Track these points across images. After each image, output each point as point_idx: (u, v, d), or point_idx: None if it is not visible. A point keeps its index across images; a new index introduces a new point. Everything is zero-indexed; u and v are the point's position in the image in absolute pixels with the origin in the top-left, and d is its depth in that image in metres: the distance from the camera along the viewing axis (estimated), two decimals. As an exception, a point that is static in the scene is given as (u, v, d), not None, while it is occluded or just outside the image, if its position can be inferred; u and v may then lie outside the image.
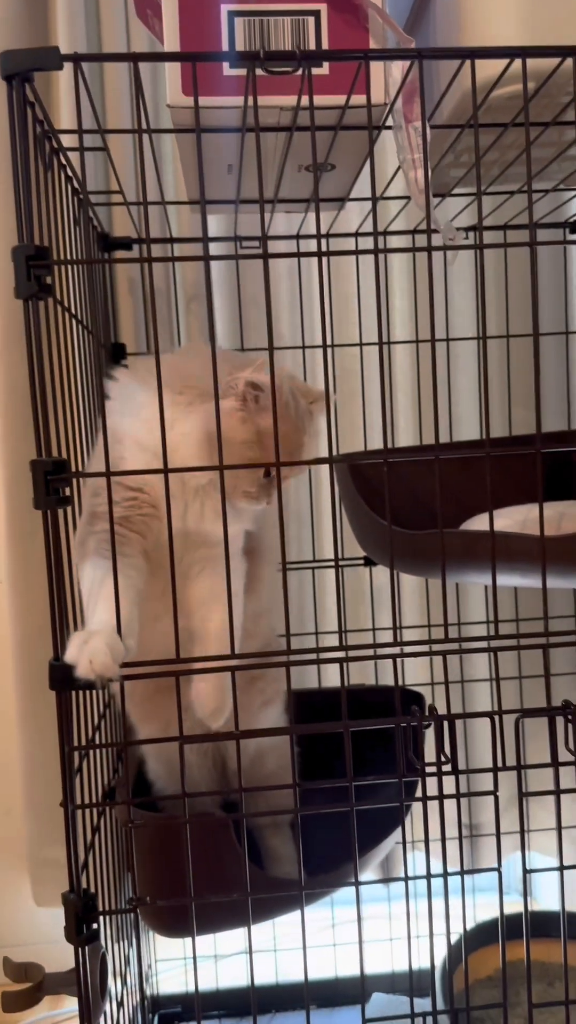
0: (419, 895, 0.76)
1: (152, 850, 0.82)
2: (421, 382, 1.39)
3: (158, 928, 0.94)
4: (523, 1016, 1.23)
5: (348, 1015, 1.39)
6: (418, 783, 0.96)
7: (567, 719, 0.72)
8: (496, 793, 0.71)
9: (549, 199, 1.32)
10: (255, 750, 0.96)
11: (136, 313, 1.31)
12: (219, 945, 1.41)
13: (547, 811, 1.41)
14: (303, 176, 1.03)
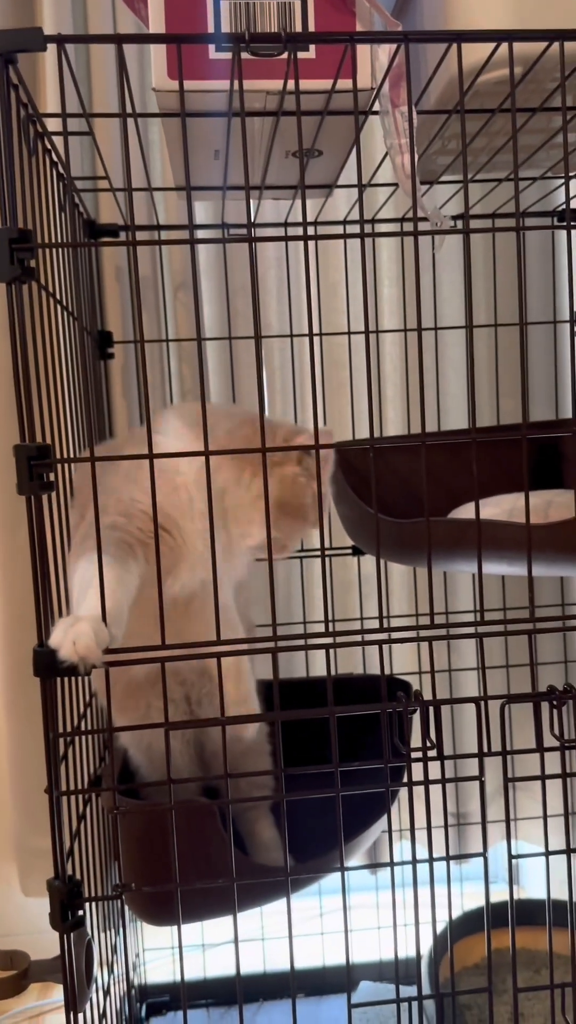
0: (406, 883, 0.76)
1: (138, 837, 0.82)
2: (410, 373, 1.39)
3: (145, 916, 0.93)
4: (509, 1003, 1.24)
5: (336, 1003, 1.40)
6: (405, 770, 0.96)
7: (552, 705, 0.72)
8: (482, 779, 0.71)
9: (537, 188, 1.32)
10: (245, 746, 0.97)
11: (123, 301, 1.31)
12: (207, 934, 1.42)
13: (534, 799, 1.42)
14: (290, 162, 1.02)
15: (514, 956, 0.76)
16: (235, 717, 0.78)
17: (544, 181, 1.32)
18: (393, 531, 1.06)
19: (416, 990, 0.93)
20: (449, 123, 0.94)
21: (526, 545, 0.86)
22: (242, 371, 1.36)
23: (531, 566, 0.81)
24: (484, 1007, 1.28)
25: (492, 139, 1.02)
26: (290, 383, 1.37)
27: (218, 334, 1.36)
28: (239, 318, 1.35)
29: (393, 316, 1.39)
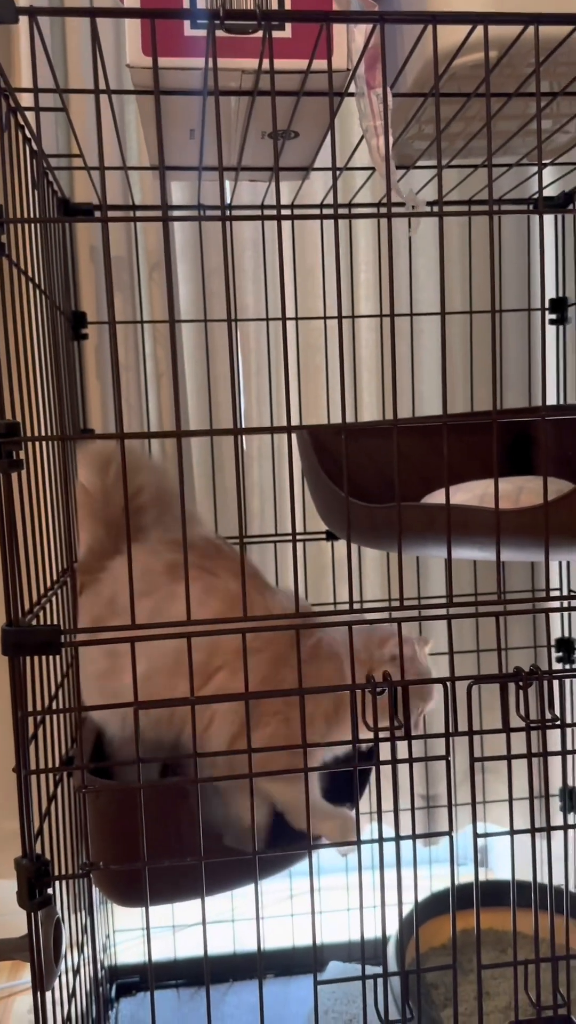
0: (376, 866, 0.77)
1: (108, 817, 0.82)
2: (385, 359, 1.39)
3: (115, 896, 0.94)
4: (475, 981, 1.26)
5: (305, 983, 1.41)
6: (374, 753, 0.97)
7: (518, 686, 0.73)
8: (449, 758, 0.72)
9: (514, 175, 1.33)
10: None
11: (97, 281, 1.30)
12: (177, 916, 1.42)
13: (502, 782, 1.44)
14: (266, 144, 1.02)
15: (478, 933, 0.78)
16: (203, 697, 0.79)
17: (520, 168, 1.33)
18: (366, 515, 1.07)
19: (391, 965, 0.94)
20: (425, 107, 0.94)
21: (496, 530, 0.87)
22: (218, 354, 1.36)
23: (499, 550, 0.82)
24: (451, 986, 1.29)
25: (468, 124, 1.02)
26: (266, 366, 1.37)
27: (194, 316, 1.35)
28: (214, 300, 1.35)
29: (369, 301, 1.39)
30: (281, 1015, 1.33)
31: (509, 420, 1.26)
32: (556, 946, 0.78)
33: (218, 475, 1.38)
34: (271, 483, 1.40)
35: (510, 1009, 1.19)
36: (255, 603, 0.93)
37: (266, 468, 1.40)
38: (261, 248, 1.33)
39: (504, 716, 0.73)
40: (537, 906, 0.78)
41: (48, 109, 0.85)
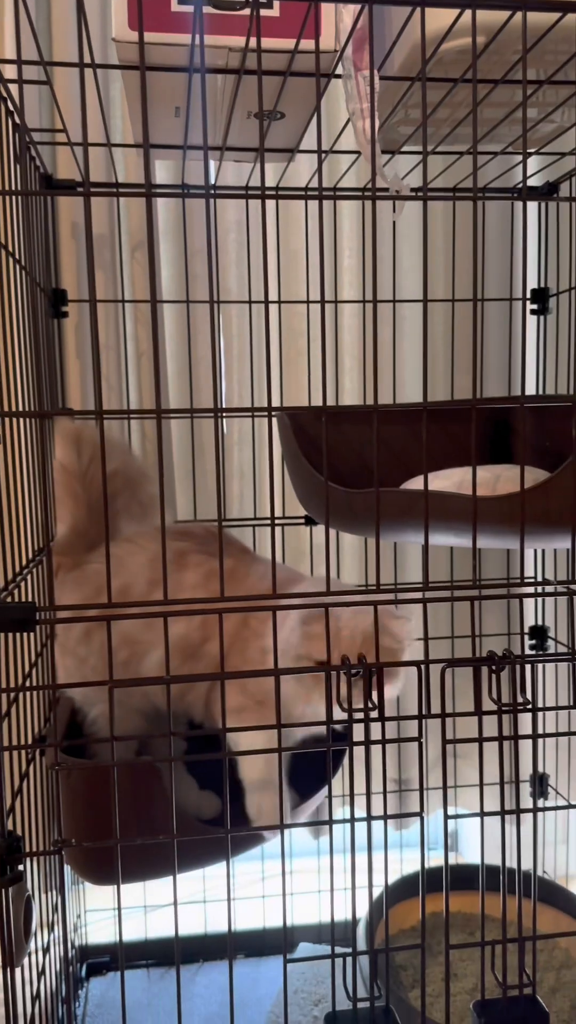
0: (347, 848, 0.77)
1: (80, 795, 0.82)
2: (367, 345, 1.39)
3: (87, 874, 0.94)
4: (443, 963, 1.27)
5: (275, 964, 1.42)
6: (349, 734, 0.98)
7: (491, 670, 0.74)
8: (422, 740, 0.72)
9: (498, 164, 1.33)
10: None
11: (79, 259, 1.28)
12: (149, 896, 1.43)
13: (472, 768, 1.45)
14: (252, 124, 1.01)
15: (447, 914, 0.78)
16: (178, 676, 0.79)
17: (505, 158, 1.33)
18: (344, 500, 1.07)
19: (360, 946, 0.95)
20: (412, 91, 0.94)
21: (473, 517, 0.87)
22: (199, 337, 1.35)
23: (476, 536, 0.82)
24: (419, 967, 1.31)
25: (454, 110, 1.02)
26: (247, 350, 1.37)
27: (176, 297, 1.34)
28: (197, 283, 1.34)
29: (352, 288, 1.39)
30: (251, 995, 1.34)
31: (489, 406, 1.27)
32: (523, 928, 0.79)
33: (198, 459, 1.37)
34: (251, 467, 1.40)
35: (476, 990, 1.21)
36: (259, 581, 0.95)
37: (246, 453, 1.40)
38: (245, 231, 1.32)
39: (477, 699, 0.74)
40: (505, 889, 0.79)
41: (32, 82, 0.84)
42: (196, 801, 1.07)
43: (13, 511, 0.82)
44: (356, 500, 1.06)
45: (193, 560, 0.97)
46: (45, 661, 0.98)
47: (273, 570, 0.75)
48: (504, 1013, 0.76)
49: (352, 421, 1.29)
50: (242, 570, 0.98)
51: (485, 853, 1.55)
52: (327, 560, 0.75)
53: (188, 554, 0.97)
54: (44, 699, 0.97)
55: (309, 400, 1.38)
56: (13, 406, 0.84)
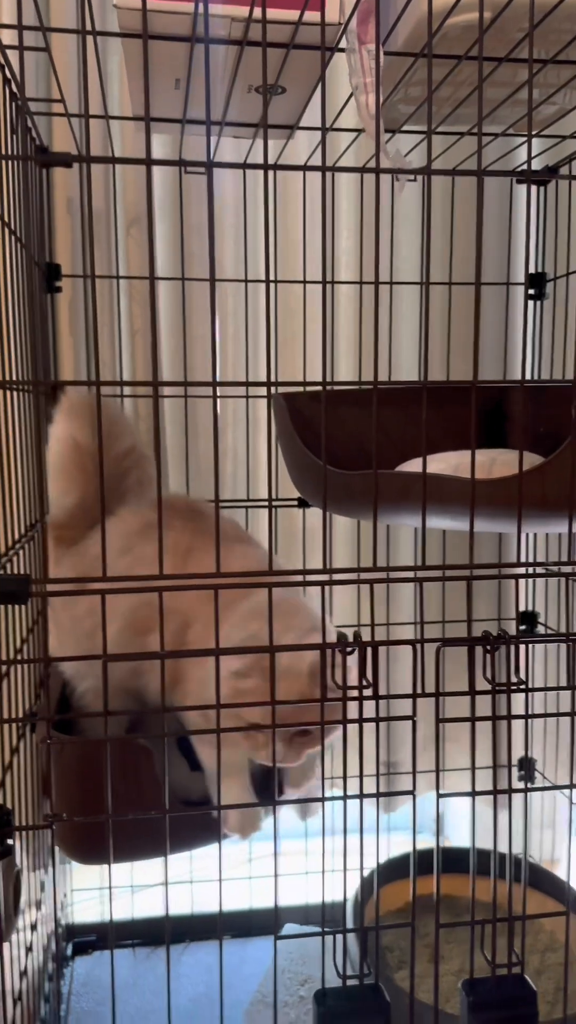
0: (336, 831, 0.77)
1: (70, 772, 0.82)
2: (364, 327, 1.38)
3: (75, 853, 0.94)
4: (431, 945, 1.28)
5: (261, 944, 1.43)
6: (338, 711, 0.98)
7: (486, 650, 0.74)
8: (414, 718, 0.72)
9: (498, 148, 1.32)
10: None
11: (73, 234, 1.27)
12: (136, 877, 1.43)
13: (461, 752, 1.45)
14: (253, 98, 1.00)
15: (438, 892, 0.79)
16: (173, 652, 0.78)
17: (504, 142, 1.32)
18: (340, 483, 1.07)
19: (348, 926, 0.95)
20: (415, 68, 0.93)
21: (470, 499, 0.87)
22: (194, 316, 1.34)
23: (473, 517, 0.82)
24: (405, 949, 1.32)
25: (456, 89, 1.01)
26: (243, 330, 1.36)
27: (171, 275, 1.33)
28: (193, 260, 1.33)
29: (350, 269, 1.38)
30: (237, 975, 1.35)
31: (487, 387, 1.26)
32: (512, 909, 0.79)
33: (191, 441, 1.37)
34: (244, 449, 1.39)
35: (463, 972, 1.22)
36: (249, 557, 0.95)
37: (240, 434, 1.39)
38: (242, 210, 1.31)
39: (470, 679, 0.74)
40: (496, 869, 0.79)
41: (31, 48, 0.82)
42: (186, 782, 1.06)
43: (7, 484, 0.81)
44: (353, 482, 1.06)
45: (187, 534, 0.97)
46: (37, 635, 0.97)
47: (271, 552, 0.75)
48: (493, 991, 0.77)
49: (348, 403, 1.28)
50: (203, 550, 0.97)
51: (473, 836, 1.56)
52: (324, 543, 0.74)
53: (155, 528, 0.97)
54: (35, 674, 0.97)
55: (304, 376, 1.37)
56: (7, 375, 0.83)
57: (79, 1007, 1.28)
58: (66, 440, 1.02)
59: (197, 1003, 1.27)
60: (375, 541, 0.74)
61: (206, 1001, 1.28)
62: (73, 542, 1.02)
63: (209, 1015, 1.25)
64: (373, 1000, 0.75)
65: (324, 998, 0.75)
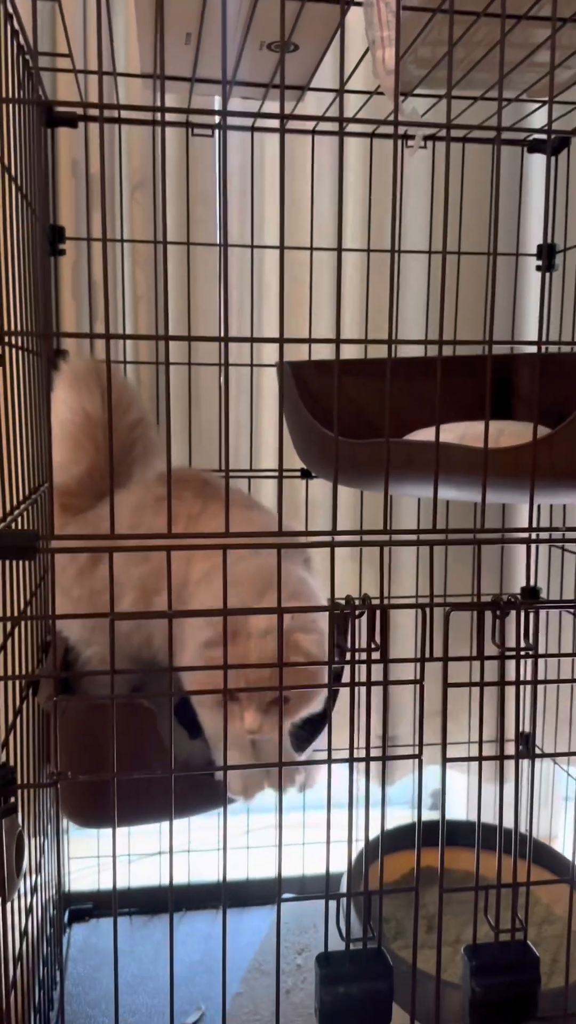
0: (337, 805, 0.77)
1: (74, 734, 0.81)
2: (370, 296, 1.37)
3: (77, 815, 0.93)
4: (426, 916, 1.28)
5: (258, 914, 1.43)
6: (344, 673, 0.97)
7: (495, 615, 0.73)
8: (421, 682, 0.72)
9: (510, 115, 1.31)
10: None
11: (77, 196, 1.25)
12: (133, 845, 1.43)
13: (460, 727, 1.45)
14: (264, 57, 0.98)
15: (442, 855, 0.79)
16: (179, 612, 0.78)
17: (515, 109, 1.31)
18: (347, 452, 1.06)
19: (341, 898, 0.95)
20: (431, 26, 0.91)
21: (476, 469, 0.86)
22: (198, 284, 1.33)
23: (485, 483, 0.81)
24: (402, 919, 1.32)
25: (471, 51, 1.00)
26: (248, 298, 1.34)
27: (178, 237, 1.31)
28: (199, 227, 1.31)
29: (356, 238, 1.37)
30: (234, 944, 1.35)
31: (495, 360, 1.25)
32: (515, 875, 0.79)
33: (194, 412, 1.35)
34: (248, 419, 1.38)
35: (459, 943, 1.22)
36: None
37: (243, 404, 1.38)
38: (249, 174, 1.29)
39: (479, 644, 0.73)
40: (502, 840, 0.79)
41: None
42: (187, 750, 1.06)
43: (12, 446, 0.80)
44: (359, 452, 1.05)
45: (194, 503, 0.96)
46: (42, 595, 0.96)
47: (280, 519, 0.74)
48: (496, 957, 0.77)
49: (352, 373, 1.27)
50: (209, 516, 0.96)
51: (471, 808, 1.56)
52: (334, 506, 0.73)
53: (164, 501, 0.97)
54: (39, 636, 0.96)
55: (309, 352, 1.36)
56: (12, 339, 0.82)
57: (76, 972, 1.28)
58: (77, 411, 1.01)
59: (193, 970, 1.28)
60: (386, 504, 0.73)
61: (202, 969, 1.29)
62: (80, 511, 1.01)
63: (205, 982, 1.26)
64: (376, 963, 0.75)
65: (327, 961, 0.75)
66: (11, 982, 0.78)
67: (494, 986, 0.75)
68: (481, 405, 1.36)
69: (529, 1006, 0.76)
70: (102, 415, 0.99)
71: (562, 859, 1.38)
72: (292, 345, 1.37)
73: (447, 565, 1.35)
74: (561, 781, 1.61)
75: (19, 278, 0.90)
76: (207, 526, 0.91)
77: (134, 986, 1.24)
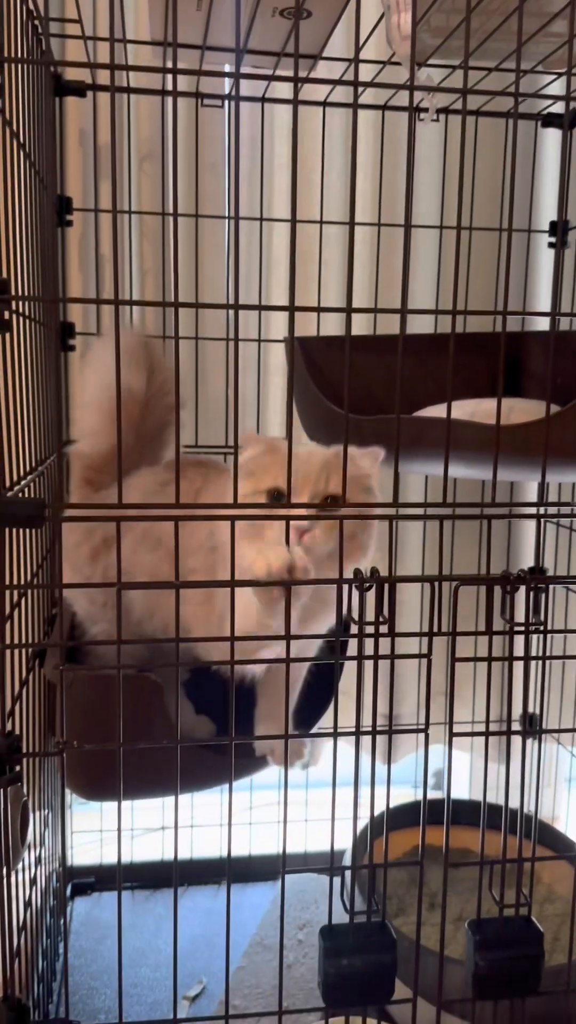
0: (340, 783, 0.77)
1: (81, 705, 0.81)
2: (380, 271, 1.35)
3: (82, 788, 0.93)
4: (429, 893, 1.29)
5: (260, 890, 1.44)
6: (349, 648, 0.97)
7: (505, 590, 0.73)
8: (429, 656, 0.71)
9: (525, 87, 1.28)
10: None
11: (85, 166, 1.24)
12: (136, 820, 1.43)
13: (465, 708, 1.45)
14: (276, 24, 0.97)
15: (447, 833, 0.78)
16: (188, 582, 0.77)
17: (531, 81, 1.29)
18: (356, 428, 1.05)
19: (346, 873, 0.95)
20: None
21: (486, 446, 0.85)
22: (206, 257, 1.31)
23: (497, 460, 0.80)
24: (403, 897, 1.33)
25: (487, 20, 0.98)
26: (256, 272, 1.33)
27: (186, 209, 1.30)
28: (206, 201, 1.29)
29: (367, 212, 1.35)
30: (236, 919, 1.35)
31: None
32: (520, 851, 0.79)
33: (201, 386, 1.34)
34: (255, 395, 1.37)
35: (461, 920, 1.23)
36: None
37: (251, 380, 1.37)
38: (259, 145, 1.27)
39: (488, 619, 0.73)
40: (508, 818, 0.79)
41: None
42: (192, 724, 1.06)
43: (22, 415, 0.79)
44: (368, 428, 1.04)
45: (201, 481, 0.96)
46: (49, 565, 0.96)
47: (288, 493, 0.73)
48: (500, 931, 0.77)
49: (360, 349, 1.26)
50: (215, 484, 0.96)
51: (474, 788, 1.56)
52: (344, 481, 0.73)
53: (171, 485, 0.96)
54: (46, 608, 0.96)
55: (318, 328, 1.35)
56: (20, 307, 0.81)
57: (78, 945, 1.29)
58: (103, 384, 0.99)
59: (195, 944, 1.29)
60: (396, 479, 0.73)
61: (204, 943, 1.29)
62: (102, 487, 1.00)
63: (207, 956, 1.26)
64: (380, 936, 0.75)
65: (331, 933, 0.75)
66: (15, 950, 0.78)
67: (497, 960, 0.75)
68: (491, 383, 1.35)
69: (532, 981, 0.76)
70: (143, 393, 0.98)
71: (564, 839, 1.38)
72: (299, 322, 1.36)
73: (454, 542, 1.35)
74: (565, 762, 1.61)
75: (27, 248, 0.89)
76: (209, 498, 0.90)
77: (136, 959, 1.25)
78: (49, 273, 0.93)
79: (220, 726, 0.99)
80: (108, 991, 1.18)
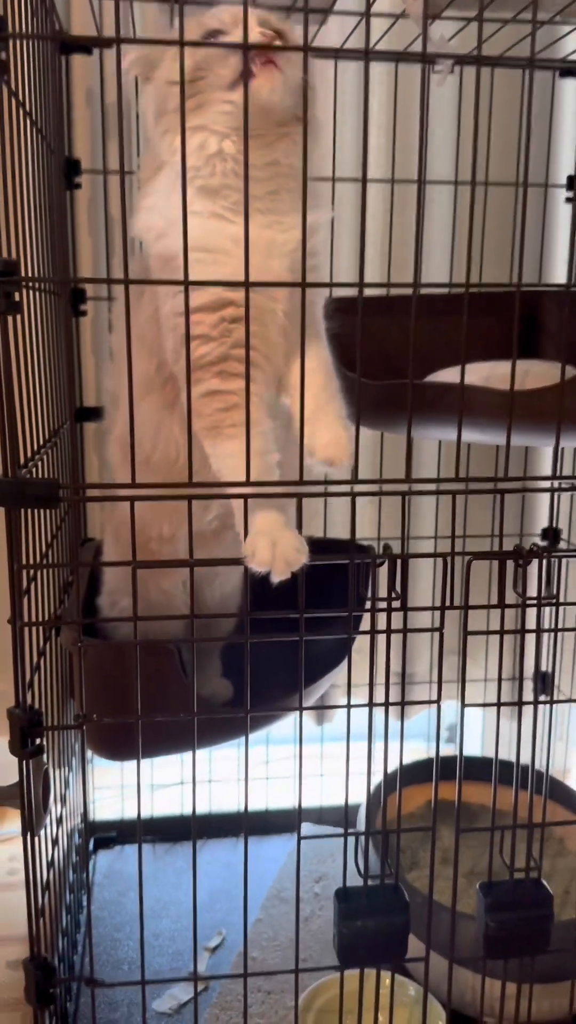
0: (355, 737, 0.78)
1: (98, 673, 0.83)
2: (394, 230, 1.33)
3: (102, 749, 0.96)
4: (442, 848, 1.32)
5: (277, 843, 1.47)
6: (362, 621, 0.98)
7: (517, 564, 0.73)
8: (441, 630, 0.72)
9: (542, 38, 1.24)
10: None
11: (93, 128, 1.21)
12: (155, 775, 1.46)
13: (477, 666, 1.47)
14: (285, -23, 0.94)
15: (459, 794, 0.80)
16: (202, 560, 0.78)
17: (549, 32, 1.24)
18: (370, 394, 1.04)
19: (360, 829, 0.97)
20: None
21: (500, 412, 0.85)
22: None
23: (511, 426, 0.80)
24: (416, 850, 1.36)
25: (504, -31, 0.95)
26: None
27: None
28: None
29: (380, 169, 1.32)
30: (253, 871, 1.38)
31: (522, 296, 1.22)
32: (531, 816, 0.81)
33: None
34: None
35: (472, 875, 1.25)
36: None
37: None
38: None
39: (500, 592, 0.73)
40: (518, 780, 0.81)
41: None
42: (213, 686, 1.08)
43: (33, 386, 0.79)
44: (380, 393, 1.03)
45: None
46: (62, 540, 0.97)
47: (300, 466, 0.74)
48: (510, 894, 0.79)
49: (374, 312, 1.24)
50: None
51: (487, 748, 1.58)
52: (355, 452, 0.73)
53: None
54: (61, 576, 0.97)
55: (330, 291, 1.33)
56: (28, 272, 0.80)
57: (101, 897, 1.33)
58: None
59: (214, 896, 1.32)
60: (409, 453, 0.73)
61: (223, 895, 1.33)
62: None
63: (225, 908, 1.30)
64: (393, 899, 0.78)
65: (346, 896, 0.78)
66: (39, 909, 0.81)
67: (508, 922, 0.78)
68: (506, 343, 1.33)
69: (541, 941, 0.78)
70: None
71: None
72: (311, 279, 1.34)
73: (467, 511, 1.35)
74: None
75: (34, 216, 0.88)
76: None
77: (157, 911, 1.29)
78: (59, 244, 0.92)
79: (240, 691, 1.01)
80: (131, 943, 1.22)
